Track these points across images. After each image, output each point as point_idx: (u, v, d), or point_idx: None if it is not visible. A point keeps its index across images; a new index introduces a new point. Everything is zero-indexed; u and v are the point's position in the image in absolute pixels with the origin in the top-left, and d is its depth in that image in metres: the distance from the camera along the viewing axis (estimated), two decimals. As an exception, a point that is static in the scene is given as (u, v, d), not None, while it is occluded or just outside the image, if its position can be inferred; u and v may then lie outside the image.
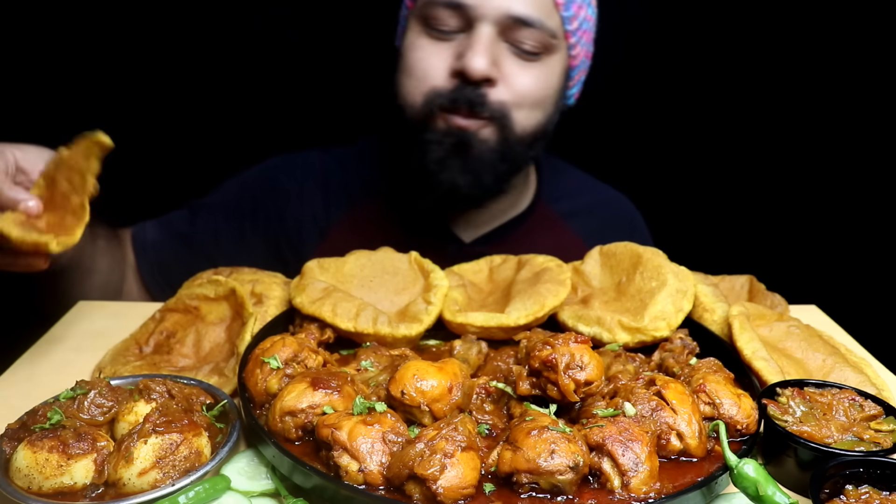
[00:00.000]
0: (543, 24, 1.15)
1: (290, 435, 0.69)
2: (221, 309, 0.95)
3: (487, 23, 1.12)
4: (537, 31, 1.14)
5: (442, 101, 1.14)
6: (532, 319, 0.90)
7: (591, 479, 0.64)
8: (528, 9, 1.13)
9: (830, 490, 0.63)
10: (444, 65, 1.15)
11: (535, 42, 1.15)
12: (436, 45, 1.16)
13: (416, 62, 1.17)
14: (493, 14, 1.11)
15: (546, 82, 1.20)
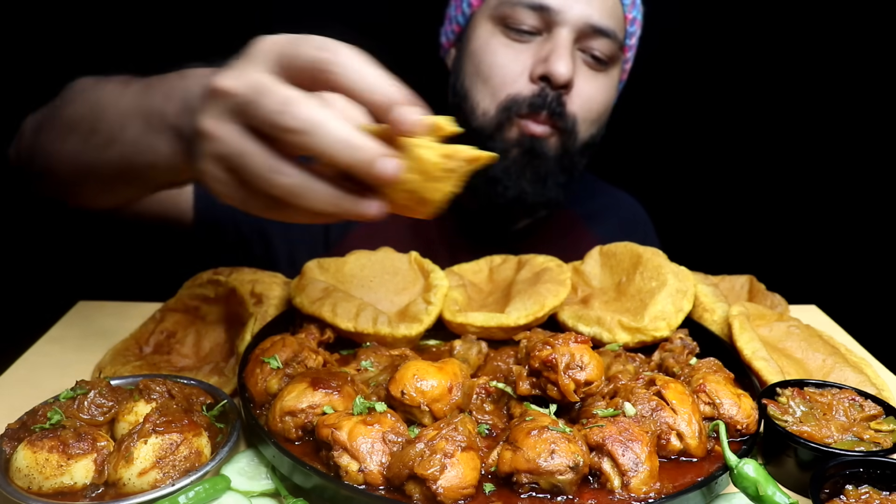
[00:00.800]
0: (616, 34, 1.16)
1: (290, 435, 0.69)
2: (221, 309, 0.95)
3: (568, 27, 1.11)
4: (610, 42, 1.15)
5: (520, 108, 1.13)
6: (532, 319, 0.90)
7: (591, 479, 0.64)
8: (606, 19, 1.13)
9: (830, 490, 0.63)
10: (524, 69, 1.14)
11: (606, 51, 1.15)
12: (514, 46, 1.15)
13: (493, 67, 1.15)
14: (573, 20, 1.11)
15: (609, 93, 1.21)
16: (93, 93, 0.82)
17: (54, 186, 0.93)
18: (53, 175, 0.90)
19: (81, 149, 0.81)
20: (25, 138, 0.96)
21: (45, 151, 0.88)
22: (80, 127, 0.81)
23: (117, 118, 0.75)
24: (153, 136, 0.70)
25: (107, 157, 0.77)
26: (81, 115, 0.81)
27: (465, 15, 1.23)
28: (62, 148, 0.85)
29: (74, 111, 0.83)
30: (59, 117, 0.87)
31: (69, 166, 0.85)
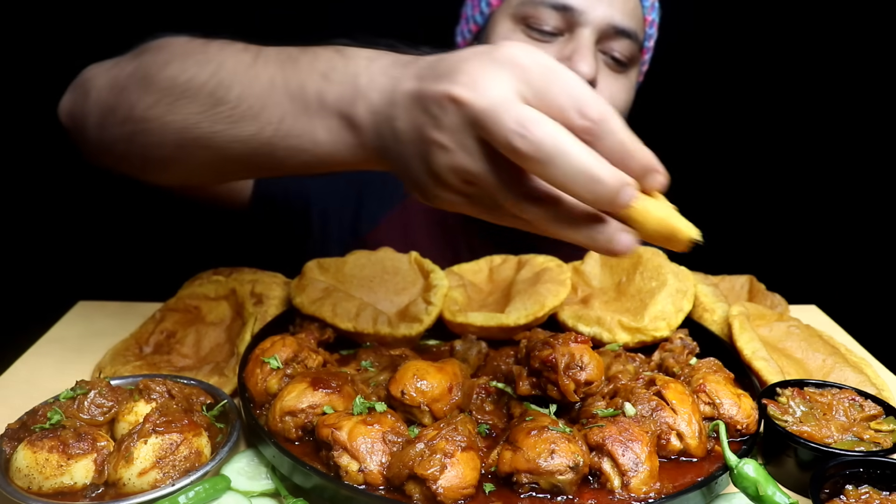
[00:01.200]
0: (637, 35, 1.15)
1: (290, 435, 0.69)
2: (221, 309, 0.95)
3: (590, 28, 1.11)
4: (631, 43, 1.14)
5: None
6: (532, 319, 0.90)
7: (591, 479, 0.64)
8: (628, 20, 1.13)
9: (830, 490, 0.63)
10: None
11: (627, 53, 1.15)
12: (535, 46, 1.11)
13: None
14: (596, 21, 1.11)
15: (629, 94, 1.21)
16: (206, 57, 0.71)
17: (129, 156, 0.80)
18: (141, 143, 0.76)
19: (197, 120, 0.70)
20: (96, 95, 0.80)
21: (138, 116, 0.74)
22: (197, 96, 0.70)
23: (254, 93, 0.66)
24: (308, 119, 0.64)
25: (237, 133, 0.68)
26: (199, 82, 0.70)
27: (484, 14, 1.23)
28: (167, 116, 0.72)
29: (185, 75, 0.71)
30: (156, 79, 0.73)
31: (175, 136, 0.72)
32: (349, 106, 0.62)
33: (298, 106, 0.64)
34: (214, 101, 0.68)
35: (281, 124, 0.65)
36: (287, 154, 0.67)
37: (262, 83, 0.67)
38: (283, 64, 0.67)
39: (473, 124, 0.53)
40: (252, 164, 0.72)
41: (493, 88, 0.52)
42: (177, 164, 0.76)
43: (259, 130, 0.67)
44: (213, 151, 0.71)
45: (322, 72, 0.64)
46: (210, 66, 0.70)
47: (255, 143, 0.67)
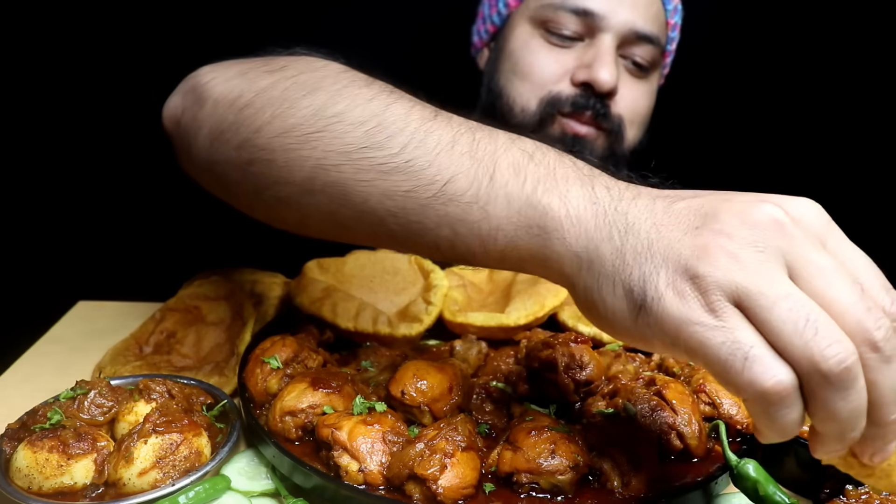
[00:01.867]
0: (659, 40, 1.14)
1: (290, 435, 0.69)
2: (221, 309, 0.95)
3: (611, 33, 1.09)
4: (653, 48, 1.12)
5: (562, 105, 1.11)
6: (532, 319, 0.90)
7: (591, 479, 0.64)
8: (650, 25, 1.11)
9: (830, 490, 0.63)
10: (564, 72, 1.11)
11: (648, 58, 1.13)
12: (554, 50, 1.12)
13: (533, 66, 1.13)
14: (617, 26, 1.09)
15: (651, 99, 1.19)
16: (369, 92, 0.59)
17: (239, 186, 0.66)
18: (259, 175, 0.63)
19: (339, 162, 0.57)
20: (213, 107, 0.67)
21: (262, 143, 0.61)
22: (346, 133, 0.57)
23: (427, 146, 0.55)
24: (491, 189, 0.53)
25: (387, 187, 0.56)
26: (353, 119, 0.57)
27: (502, 15, 1.21)
28: (300, 149, 0.59)
29: (336, 107, 0.58)
30: (297, 103, 0.60)
31: (304, 176, 0.59)
32: (639, 282, 0.48)
33: (481, 170, 0.53)
34: (369, 144, 0.56)
35: (448, 185, 0.54)
36: (438, 222, 0.55)
37: (441, 140, 0.55)
38: (473, 130, 0.57)
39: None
40: (386, 227, 0.58)
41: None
42: (295, 209, 0.63)
43: (415, 188, 0.55)
44: (347, 202, 0.58)
45: (526, 149, 0.54)
46: (371, 106, 0.58)
47: (405, 203, 0.55)
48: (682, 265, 0.45)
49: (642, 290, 0.46)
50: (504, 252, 0.54)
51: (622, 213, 0.49)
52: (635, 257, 0.47)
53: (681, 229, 0.47)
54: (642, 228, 0.48)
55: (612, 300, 0.48)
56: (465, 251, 0.55)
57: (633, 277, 0.47)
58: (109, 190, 1.70)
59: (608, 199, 0.50)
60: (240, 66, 0.69)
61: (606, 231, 0.49)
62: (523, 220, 0.51)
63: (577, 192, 0.51)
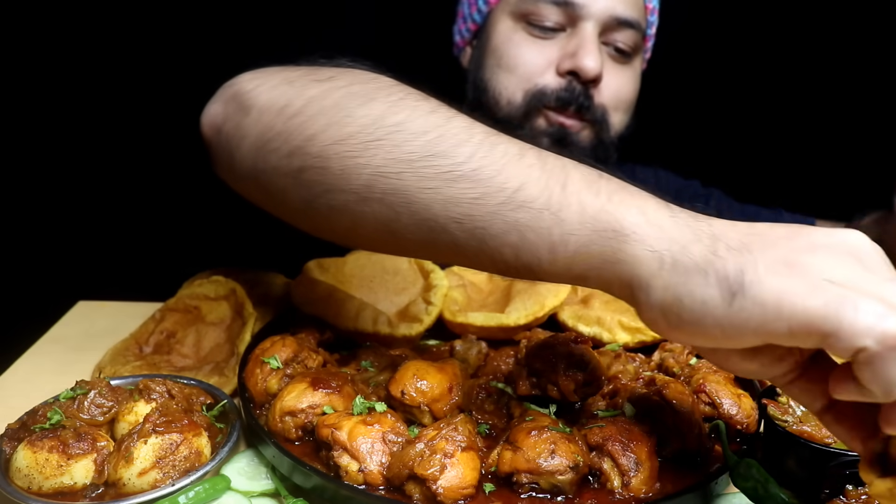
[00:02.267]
0: (640, 25, 1.14)
1: (290, 435, 0.69)
2: (221, 309, 0.95)
3: (592, 21, 1.10)
4: (634, 33, 1.13)
5: (547, 100, 1.12)
6: (532, 319, 0.90)
7: (591, 479, 0.64)
8: (630, 10, 1.12)
9: (830, 490, 0.63)
10: (549, 63, 1.12)
11: (630, 43, 1.14)
12: (537, 42, 1.13)
13: (518, 59, 1.14)
14: (598, 13, 1.10)
15: (635, 84, 1.20)
16: (427, 105, 0.59)
17: (287, 194, 0.65)
18: (311, 183, 0.62)
19: (400, 170, 0.57)
20: (259, 115, 0.66)
21: (315, 151, 0.60)
22: (407, 143, 0.57)
23: (493, 157, 0.55)
24: (564, 196, 0.53)
25: (451, 194, 0.55)
26: (415, 129, 0.57)
27: (482, 13, 1.22)
28: (358, 157, 0.58)
29: (396, 117, 0.58)
30: (354, 113, 0.60)
31: (362, 184, 0.58)
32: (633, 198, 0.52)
33: (552, 178, 0.53)
34: (433, 152, 0.56)
35: (518, 192, 0.53)
36: (503, 229, 0.54)
37: (509, 150, 0.56)
38: (538, 148, 0.57)
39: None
40: (449, 234, 0.57)
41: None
42: (348, 217, 0.62)
43: (483, 196, 0.54)
44: (407, 209, 0.57)
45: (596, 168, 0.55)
46: (434, 117, 0.58)
47: (472, 210, 0.55)
48: (780, 257, 0.45)
49: (740, 275, 0.46)
50: (573, 258, 0.53)
51: (706, 227, 0.50)
52: (729, 252, 0.47)
53: (771, 239, 0.47)
54: (732, 237, 0.48)
55: (703, 290, 0.47)
56: (531, 258, 0.55)
57: (728, 267, 0.46)
58: (109, 190, 1.70)
59: (685, 215, 0.51)
60: (284, 74, 0.68)
61: (692, 235, 0.49)
62: (599, 225, 0.51)
63: (654, 206, 0.52)
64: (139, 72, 1.64)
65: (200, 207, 1.62)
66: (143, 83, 1.64)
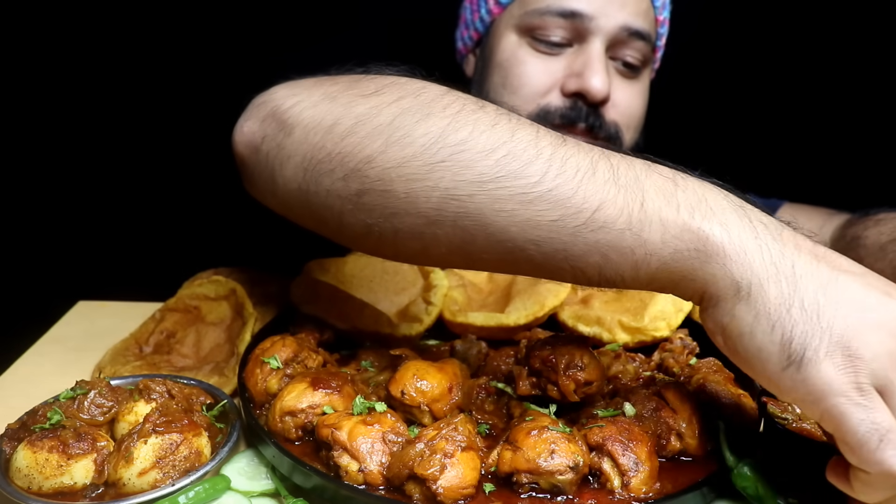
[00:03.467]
0: (651, 37, 1.11)
1: (290, 435, 0.69)
2: (221, 309, 0.95)
3: (600, 37, 1.06)
4: (644, 45, 1.10)
5: (552, 119, 1.09)
6: (532, 319, 0.90)
7: (591, 479, 0.64)
8: (640, 21, 1.09)
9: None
10: (554, 82, 1.09)
11: (640, 56, 1.11)
12: (543, 59, 1.10)
13: (522, 78, 1.10)
14: (607, 27, 1.06)
15: (644, 98, 1.17)
16: (487, 118, 0.57)
17: (343, 218, 0.62)
18: (372, 206, 0.59)
19: (472, 192, 0.55)
20: (304, 134, 0.63)
21: (376, 174, 0.57)
22: (475, 163, 0.54)
23: (567, 173, 0.54)
24: (646, 218, 0.53)
25: (529, 217, 0.54)
26: (480, 148, 0.55)
27: (485, 22, 1.18)
28: (425, 179, 0.56)
29: (458, 135, 0.56)
30: (412, 132, 0.57)
31: (431, 207, 0.56)
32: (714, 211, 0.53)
33: (630, 195, 0.53)
34: (504, 173, 0.54)
35: (598, 213, 0.52)
36: (584, 250, 0.53)
37: (580, 165, 0.54)
38: (608, 154, 0.56)
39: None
40: (527, 255, 0.56)
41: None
42: (418, 241, 0.60)
43: (563, 217, 0.53)
44: (482, 232, 0.56)
45: (665, 174, 0.55)
46: (496, 131, 0.56)
47: (551, 232, 0.54)
48: (844, 342, 0.48)
49: (802, 348, 0.49)
50: (655, 275, 0.54)
51: (788, 262, 0.51)
52: (802, 314, 0.49)
53: (847, 306, 0.49)
54: (809, 288, 0.50)
55: (765, 342, 0.50)
56: (614, 275, 0.55)
57: (795, 332, 0.49)
58: (110, 190, 1.70)
59: (769, 237, 0.52)
60: (323, 89, 0.65)
61: (773, 272, 0.50)
62: (681, 245, 0.52)
63: (736, 223, 0.52)
64: (140, 72, 1.64)
65: (201, 207, 1.63)
66: (143, 83, 1.64)
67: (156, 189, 1.67)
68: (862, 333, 0.48)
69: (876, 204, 1.13)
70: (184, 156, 1.68)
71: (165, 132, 1.67)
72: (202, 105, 1.66)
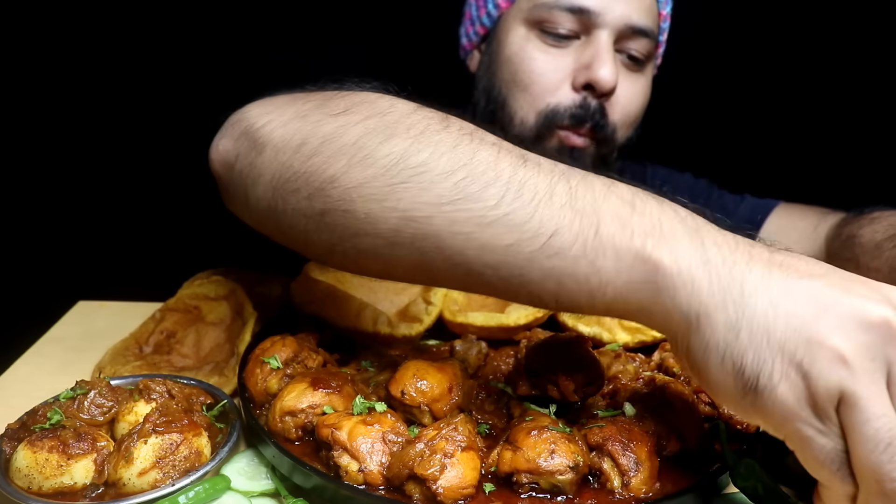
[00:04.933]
0: (654, 33, 1.13)
1: (290, 435, 0.69)
2: (222, 309, 0.95)
3: (608, 29, 1.08)
4: (648, 41, 1.12)
5: (561, 119, 1.10)
6: (532, 319, 0.90)
7: (591, 479, 0.64)
8: (645, 18, 1.11)
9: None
10: (564, 77, 1.11)
11: (644, 51, 1.12)
12: (551, 52, 1.11)
13: (532, 74, 1.12)
14: (614, 22, 1.08)
15: (646, 93, 1.18)
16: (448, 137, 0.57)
17: (309, 235, 0.63)
18: (334, 225, 0.59)
19: (430, 214, 0.55)
20: (274, 153, 0.64)
21: (338, 194, 0.58)
22: (434, 185, 0.55)
23: (524, 198, 0.53)
24: (598, 244, 0.51)
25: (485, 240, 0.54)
26: (441, 170, 0.55)
27: (492, 17, 1.19)
28: (385, 200, 0.56)
29: (419, 156, 0.56)
30: (375, 153, 0.57)
31: (390, 228, 0.57)
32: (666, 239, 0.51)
33: (585, 223, 0.52)
34: (463, 196, 0.54)
35: (553, 239, 0.52)
36: (541, 276, 0.53)
37: (538, 188, 0.53)
38: (567, 174, 0.55)
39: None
40: (484, 279, 0.56)
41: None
42: (379, 260, 0.60)
43: (517, 242, 0.53)
44: (440, 254, 0.56)
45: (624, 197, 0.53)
46: (457, 153, 0.55)
47: (507, 257, 0.54)
48: (797, 360, 0.46)
49: (755, 375, 0.48)
50: (612, 304, 0.53)
51: (737, 281, 0.49)
52: (750, 338, 0.48)
53: (799, 317, 0.47)
54: (759, 305, 0.48)
55: (719, 372, 0.49)
56: (570, 303, 0.55)
57: (745, 359, 0.48)
58: (110, 190, 1.70)
59: (720, 258, 0.50)
60: (295, 108, 0.65)
61: (720, 297, 0.49)
62: (635, 275, 0.51)
63: (686, 249, 0.50)
64: (139, 73, 1.64)
65: (201, 207, 1.62)
66: (142, 84, 1.65)
67: (156, 189, 1.67)
68: (817, 346, 0.46)
69: (871, 203, 1.12)
70: (184, 156, 1.68)
71: (165, 132, 1.67)
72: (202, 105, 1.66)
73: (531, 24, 1.12)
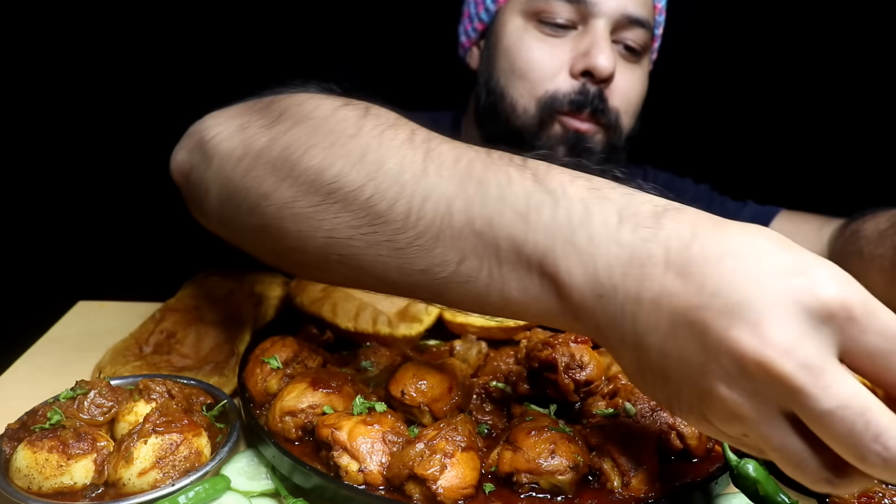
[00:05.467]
0: (650, 24, 1.14)
1: (290, 435, 0.69)
2: (221, 309, 0.95)
3: (604, 19, 1.09)
4: (644, 32, 1.13)
5: (560, 105, 1.11)
6: (532, 319, 0.90)
7: (591, 479, 0.64)
8: (640, 9, 1.12)
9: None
10: (562, 64, 1.12)
11: (640, 42, 1.14)
12: (549, 41, 1.12)
13: (530, 62, 1.13)
14: (610, 11, 1.09)
15: (644, 83, 1.19)
16: (359, 145, 0.54)
17: (257, 246, 0.64)
18: (273, 239, 0.60)
19: (349, 235, 0.54)
20: (220, 166, 0.64)
21: (271, 212, 0.58)
22: (349, 203, 0.53)
23: (426, 218, 0.50)
24: (497, 267, 0.49)
25: (400, 264, 0.52)
26: (352, 186, 0.53)
27: (490, 12, 1.21)
28: (310, 220, 0.55)
29: (332, 170, 0.54)
30: (297, 168, 0.56)
31: (317, 246, 0.56)
32: (557, 268, 0.46)
33: (486, 248, 0.49)
34: (372, 215, 0.52)
35: (460, 266, 0.50)
36: (462, 299, 0.52)
37: (438, 206, 0.50)
38: (464, 182, 0.50)
39: (786, 399, 0.39)
40: (413, 295, 0.56)
41: (815, 356, 0.38)
42: (318, 273, 0.61)
43: (430, 268, 0.51)
44: (367, 273, 0.55)
45: (519, 209, 0.48)
46: (365, 164, 0.53)
47: (422, 280, 0.52)
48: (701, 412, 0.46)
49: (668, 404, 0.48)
50: (543, 319, 0.52)
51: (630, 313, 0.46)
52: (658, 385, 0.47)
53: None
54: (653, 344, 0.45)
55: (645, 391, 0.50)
56: (500, 317, 0.55)
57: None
58: (110, 190, 1.70)
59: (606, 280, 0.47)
60: (241, 119, 0.65)
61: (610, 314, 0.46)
62: (541, 306, 0.49)
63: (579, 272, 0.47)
64: (139, 73, 1.64)
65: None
66: (142, 84, 1.65)
67: (156, 189, 1.67)
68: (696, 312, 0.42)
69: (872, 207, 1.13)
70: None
71: (165, 132, 1.67)
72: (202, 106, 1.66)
73: (528, 15, 1.14)
